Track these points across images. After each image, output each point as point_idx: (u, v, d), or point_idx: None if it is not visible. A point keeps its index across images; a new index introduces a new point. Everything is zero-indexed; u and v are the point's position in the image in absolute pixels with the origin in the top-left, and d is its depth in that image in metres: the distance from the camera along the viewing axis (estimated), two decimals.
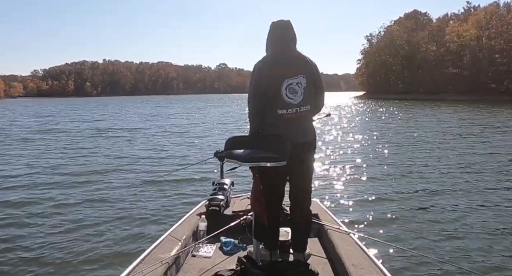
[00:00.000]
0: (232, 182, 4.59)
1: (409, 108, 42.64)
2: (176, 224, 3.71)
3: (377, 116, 31.83)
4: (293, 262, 3.01)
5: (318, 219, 3.89)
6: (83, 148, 14.87)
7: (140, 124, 26.35)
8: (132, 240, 5.37)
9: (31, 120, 31.89)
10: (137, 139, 17.43)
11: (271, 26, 3.19)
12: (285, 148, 2.87)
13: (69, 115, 39.45)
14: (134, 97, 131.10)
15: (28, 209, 6.92)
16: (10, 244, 5.32)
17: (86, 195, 7.79)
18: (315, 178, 9.13)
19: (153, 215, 6.45)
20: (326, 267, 3.18)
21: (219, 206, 4.05)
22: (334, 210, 6.32)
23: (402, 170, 10.19)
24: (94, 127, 23.85)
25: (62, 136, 18.96)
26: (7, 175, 9.83)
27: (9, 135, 20.05)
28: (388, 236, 5.57)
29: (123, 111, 44.74)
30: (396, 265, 4.61)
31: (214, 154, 3.25)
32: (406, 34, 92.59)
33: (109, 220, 6.23)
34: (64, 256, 4.89)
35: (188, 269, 3.14)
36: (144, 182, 8.72)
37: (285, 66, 3.07)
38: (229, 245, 3.54)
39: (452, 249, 5.17)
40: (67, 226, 5.99)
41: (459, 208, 6.82)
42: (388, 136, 17.59)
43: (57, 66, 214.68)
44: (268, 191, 3.11)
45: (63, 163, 11.48)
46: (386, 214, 6.59)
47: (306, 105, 3.09)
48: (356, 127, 23.07)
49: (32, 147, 15.43)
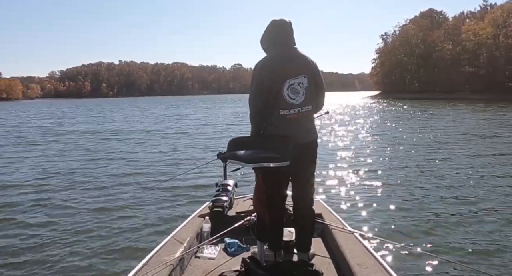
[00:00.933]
0: (236, 183, 4.60)
1: (426, 107, 41.88)
2: (180, 226, 3.72)
3: (391, 116, 31.46)
4: (297, 262, 3.01)
5: (322, 218, 3.90)
6: (89, 150, 14.87)
7: (152, 125, 26.30)
8: (137, 242, 5.38)
9: (45, 122, 32.15)
10: (146, 141, 17.34)
11: (272, 24, 3.16)
12: (288, 148, 2.86)
13: (83, 116, 39.60)
14: (150, 98, 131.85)
15: (30, 211, 6.94)
16: (12, 247, 5.32)
17: (89, 197, 7.81)
18: (321, 178, 9.23)
19: (157, 217, 6.45)
20: (330, 267, 3.17)
21: (223, 207, 4.06)
22: (339, 209, 6.40)
23: (412, 170, 10.11)
24: (104, 130, 23.74)
25: (72, 138, 18.94)
26: (21, 177, 9.89)
27: (21, 137, 20.19)
28: (393, 236, 5.52)
29: (136, 112, 44.84)
30: (402, 264, 4.59)
31: (217, 155, 3.27)
32: (422, 33, 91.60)
33: (113, 222, 6.22)
34: (68, 258, 4.90)
35: (192, 271, 3.15)
36: (148, 185, 8.70)
37: (286, 66, 3.05)
38: (233, 246, 3.54)
39: (459, 248, 5.13)
40: (71, 228, 5.99)
41: (467, 210, 6.73)
42: (402, 137, 17.41)
43: (74, 68, 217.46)
44: (271, 192, 3.11)
45: (69, 165, 11.49)
46: (391, 214, 6.57)
47: (307, 105, 3.09)
48: (368, 127, 22.88)
49: (39, 149, 15.35)
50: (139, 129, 23.37)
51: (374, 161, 11.53)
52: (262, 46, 3.23)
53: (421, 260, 4.63)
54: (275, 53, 3.10)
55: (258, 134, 3.11)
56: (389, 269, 2.79)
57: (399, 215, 6.49)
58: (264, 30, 3.19)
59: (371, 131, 19.97)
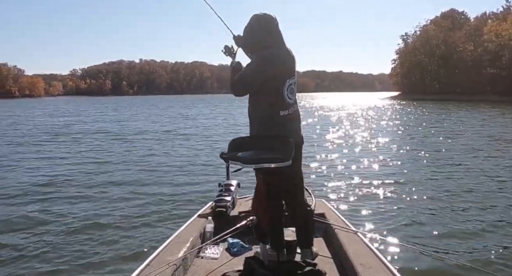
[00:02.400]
0: (239, 183, 4.60)
1: (448, 110, 41.06)
2: (183, 226, 3.74)
3: (409, 118, 30.92)
4: (300, 262, 2.98)
5: (325, 218, 3.90)
6: (92, 150, 14.60)
7: (167, 125, 25.84)
8: (140, 242, 5.37)
9: (61, 119, 32.28)
10: (157, 141, 17.09)
11: (263, 19, 3.08)
12: (289, 148, 2.89)
13: (98, 115, 38.95)
14: (169, 96, 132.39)
15: (32, 210, 6.90)
16: (14, 245, 5.30)
17: (90, 196, 7.74)
18: (326, 177, 9.32)
19: (160, 217, 6.44)
20: (333, 267, 3.17)
21: (226, 207, 4.06)
22: (342, 209, 6.40)
23: (421, 171, 10.09)
24: (113, 129, 22.99)
25: (78, 138, 18.37)
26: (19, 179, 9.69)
27: (27, 136, 19.71)
28: (397, 236, 5.51)
29: (154, 111, 44.60)
30: (405, 264, 4.57)
31: (220, 155, 3.21)
32: (443, 33, 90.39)
33: (116, 222, 6.19)
34: (71, 259, 4.87)
35: (195, 271, 3.15)
36: (151, 184, 8.70)
37: (285, 65, 3.06)
38: (236, 246, 3.55)
39: (465, 249, 5.11)
40: (74, 228, 5.95)
41: (473, 210, 6.74)
42: (415, 138, 17.27)
43: (95, 66, 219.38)
44: (273, 192, 3.11)
45: (71, 165, 11.36)
46: (395, 214, 6.54)
47: (296, 103, 3.14)
48: (381, 128, 22.65)
49: (47, 149, 14.94)
50: (153, 129, 23.06)
51: (382, 162, 11.50)
52: (250, 43, 3.18)
53: (425, 261, 4.62)
54: (270, 52, 3.04)
55: (259, 134, 3.09)
56: (392, 269, 2.79)
57: (403, 215, 6.47)
58: (252, 26, 3.10)
59: (383, 132, 19.79)
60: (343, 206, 6.86)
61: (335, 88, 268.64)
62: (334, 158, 12.11)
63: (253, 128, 3.14)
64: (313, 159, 11.73)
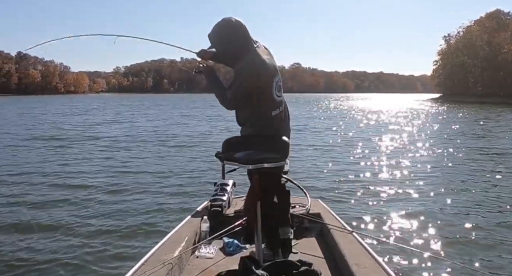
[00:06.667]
0: (234, 183, 4.61)
1: (492, 113, 39.86)
2: (178, 225, 3.75)
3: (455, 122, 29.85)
4: (295, 262, 2.95)
5: (321, 218, 3.91)
6: (94, 150, 14.28)
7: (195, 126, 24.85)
8: (135, 241, 5.38)
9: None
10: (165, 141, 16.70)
11: (235, 24, 2.99)
12: (286, 147, 2.95)
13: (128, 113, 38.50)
14: (208, 95, 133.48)
15: (31, 209, 6.88)
16: (10, 247, 5.26)
17: (84, 196, 7.68)
18: (324, 178, 9.40)
19: (155, 216, 6.45)
20: (329, 266, 3.16)
21: (221, 206, 4.07)
22: (338, 209, 6.26)
23: (421, 173, 10.16)
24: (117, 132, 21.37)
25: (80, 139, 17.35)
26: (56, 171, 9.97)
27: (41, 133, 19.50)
28: (393, 236, 5.61)
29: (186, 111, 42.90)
30: (400, 264, 4.62)
31: (215, 155, 3.14)
32: (487, 34, 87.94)
33: (111, 221, 6.18)
34: (65, 258, 4.87)
35: (191, 270, 3.16)
36: (146, 183, 8.68)
37: (270, 66, 3.03)
38: (232, 245, 3.54)
39: (459, 249, 5.17)
40: (68, 227, 5.90)
41: (471, 211, 6.82)
42: (434, 143, 16.68)
43: (137, 64, 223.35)
44: (267, 192, 3.12)
45: (79, 163, 11.37)
46: (392, 214, 6.61)
47: (283, 100, 3.14)
48: (411, 130, 22.34)
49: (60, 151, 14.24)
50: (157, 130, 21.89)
51: (383, 163, 11.57)
52: (231, 51, 3.06)
53: (420, 261, 4.66)
54: (252, 55, 3.00)
55: (252, 135, 3.09)
56: (387, 269, 2.78)
57: (399, 216, 6.55)
58: (228, 34, 3.00)
59: (405, 135, 19.46)
60: (340, 206, 6.88)
61: (375, 89, 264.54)
62: (335, 159, 12.34)
63: (245, 130, 3.14)
64: (314, 158, 11.97)
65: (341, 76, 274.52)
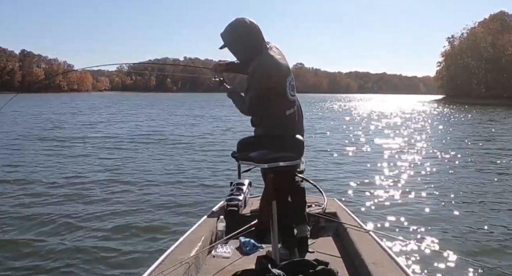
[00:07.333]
0: (250, 182, 4.62)
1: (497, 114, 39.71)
2: (195, 225, 3.76)
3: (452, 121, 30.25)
4: (312, 261, 2.93)
5: (337, 217, 3.91)
6: (118, 148, 14.31)
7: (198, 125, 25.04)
8: (152, 242, 5.39)
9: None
10: (174, 141, 16.60)
11: (248, 23, 2.98)
12: (300, 146, 2.96)
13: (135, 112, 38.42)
14: (212, 94, 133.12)
15: (43, 207, 6.92)
16: (27, 244, 5.30)
17: (102, 196, 7.71)
18: (340, 177, 9.50)
19: (172, 216, 6.49)
20: (345, 266, 3.15)
21: (238, 206, 4.08)
22: (355, 208, 6.40)
23: (435, 173, 10.23)
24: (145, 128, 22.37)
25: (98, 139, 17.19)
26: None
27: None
28: (410, 235, 5.56)
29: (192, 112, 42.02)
30: (418, 263, 4.60)
31: (231, 155, 3.15)
32: (491, 36, 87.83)
33: (128, 222, 6.19)
34: (83, 257, 4.88)
35: (207, 270, 3.16)
36: (163, 183, 8.70)
37: (283, 66, 3.03)
38: (248, 245, 3.53)
39: (479, 250, 5.12)
40: (85, 227, 5.93)
41: (489, 213, 6.77)
42: (440, 143, 16.95)
43: (141, 63, 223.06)
44: (281, 191, 3.13)
45: (89, 162, 11.36)
46: (408, 213, 6.57)
47: (297, 98, 3.15)
48: (422, 132, 22.21)
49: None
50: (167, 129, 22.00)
51: (398, 163, 11.56)
52: (243, 50, 3.04)
53: (438, 260, 4.61)
54: (265, 56, 3.00)
55: (267, 134, 3.09)
56: (405, 268, 2.76)
57: (417, 215, 6.52)
58: (241, 34, 2.98)
59: (407, 135, 19.62)
60: (356, 206, 6.87)
61: (378, 90, 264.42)
62: (352, 159, 12.46)
63: (259, 130, 3.15)
64: (329, 159, 12.03)
65: (344, 76, 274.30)
